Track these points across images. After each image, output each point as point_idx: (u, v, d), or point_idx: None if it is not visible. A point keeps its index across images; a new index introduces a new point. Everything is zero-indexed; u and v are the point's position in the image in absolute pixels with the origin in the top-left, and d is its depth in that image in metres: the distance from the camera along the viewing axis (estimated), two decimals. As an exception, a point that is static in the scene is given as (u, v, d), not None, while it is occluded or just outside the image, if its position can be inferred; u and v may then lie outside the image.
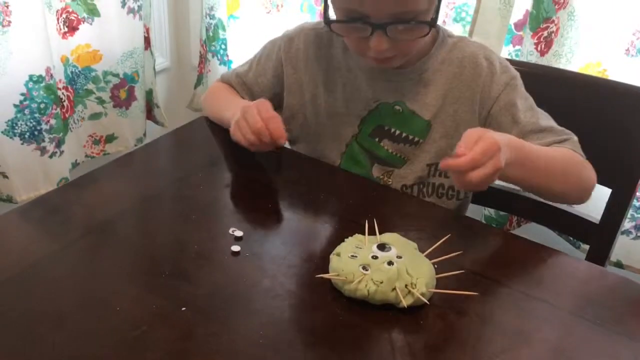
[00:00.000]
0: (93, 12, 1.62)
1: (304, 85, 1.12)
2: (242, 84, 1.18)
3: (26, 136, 1.51)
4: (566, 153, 0.99)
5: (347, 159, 1.10)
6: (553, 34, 1.41)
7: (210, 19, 1.83)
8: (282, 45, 1.12)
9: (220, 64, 1.88)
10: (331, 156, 1.11)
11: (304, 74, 1.11)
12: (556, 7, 1.38)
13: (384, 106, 1.07)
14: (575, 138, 1.03)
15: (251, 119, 0.97)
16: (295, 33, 1.12)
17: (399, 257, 0.78)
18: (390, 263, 0.76)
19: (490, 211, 1.62)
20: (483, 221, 1.58)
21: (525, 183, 0.97)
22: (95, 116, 1.76)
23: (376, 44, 0.93)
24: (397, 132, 1.07)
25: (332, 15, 0.97)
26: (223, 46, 1.85)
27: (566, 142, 1.02)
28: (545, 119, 1.04)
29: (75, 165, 1.74)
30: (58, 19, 1.55)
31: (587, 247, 1.23)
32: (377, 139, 1.08)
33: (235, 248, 0.82)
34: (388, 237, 0.83)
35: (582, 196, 1.01)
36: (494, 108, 1.04)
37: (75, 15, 1.59)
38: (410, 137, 1.07)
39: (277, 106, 1.16)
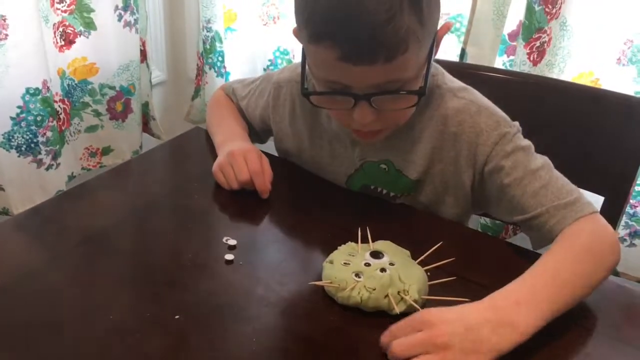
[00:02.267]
0: (89, 25, 1.63)
1: (290, 137, 1.09)
2: (239, 107, 1.17)
3: (23, 149, 1.52)
4: (573, 248, 0.82)
5: None
6: (545, 44, 1.42)
7: (207, 31, 1.84)
8: (272, 91, 1.08)
9: (217, 76, 1.89)
10: None
11: (289, 126, 1.08)
12: (548, 17, 1.39)
13: (369, 165, 1.02)
14: (576, 195, 0.87)
15: (238, 169, 0.97)
16: (284, 82, 1.07)
17: (392, 264, 0.79)
18: (382, 270, 0.77)
19: (486, 220, 1.63)
20: (479, 230, 1.59)
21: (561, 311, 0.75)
22: (91, 129, 1.77)
23: (360, 116, 0.84)
24: (385, 191, 1.04)
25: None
26: (220, 58, 1.86)
27: (569, 207, 0.85)
28: (540, 175, 0.89)
29: (71, 177, 1.74)
30: (55, 32, 1.56)
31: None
32: None
33: (229, 257, 0.83)
34: (381, 245, 0.83)
35: (612, 267, 0.83)
36: (485, 170, 0.94)
37: (72, 29, 1.61)
38: (392, 194, 1.03)
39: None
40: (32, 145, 1.53)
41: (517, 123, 0.96)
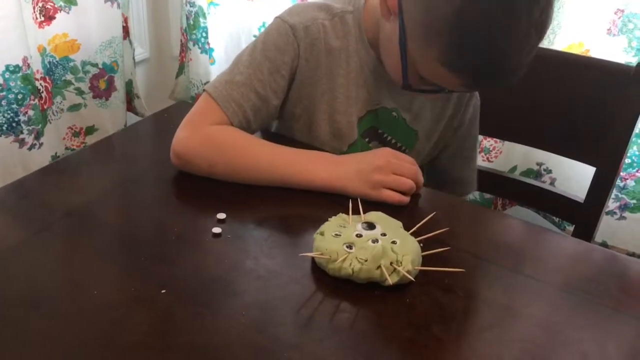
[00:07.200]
0: (70, 0, 1.59)
1: (318, 79, 1.00)
2: (258, 100, 0.97)
3: (4, 128, 1.48)
4: None
5: None
6: (535, 15, 1.40)
7: (191, 6, 1.80)
8: (299, 35, 0.97)
9: (201, 52, 1.85)
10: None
11: (319, 67, 1.00)
12: (538, -13, 1.37)
13: (382, 110, 1.04)
14: (476, 179, 1.21)
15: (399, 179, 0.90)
16: (310, 21, 0.98)
17: (384, 234, 0.77)
18: (375, 241, 0.75)
19: (475, 194, 1.62)
20: (468, 205, 1.58)
21: None
22: (74, 107, 1.73)
23: (433, 97, 0.99)
24: (389, 137, 1.06)
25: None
26: (204, 34, 1.82)
27: (472, 183, 1.20)
28: (475, 148, 1.20)
29: (55, 158, 1.71)
30: (34, 8, 1.52)
31: (571, 229, 1.23)
32: (367, 140, 1.05)
33: (217, 230, 0.81)
34: (373, 216, 0.81)
35: None
36: (459, 129, 1.12)
37: (52, 4, 1.56)
38: (399, 144, 1.07)
39: (273, 116, 1.03)
40: (14, 124, 1.50)
41: None
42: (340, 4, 1.00)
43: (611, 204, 1.48)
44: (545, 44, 1.42)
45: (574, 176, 1.51)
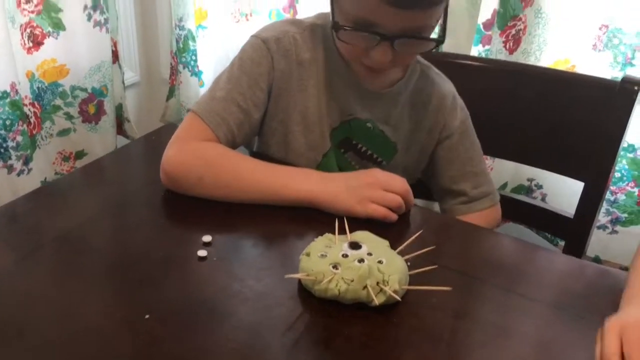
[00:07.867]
0: (58, 26, 1.59)
1: (291, 91, 1.01)
2: (241, 114, 0.98)
3: (-8, 154, 1.48)
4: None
5: (322, 170, 1.02)
6: (521, 32, 1.41)
7: (180, 30, 1.81)
8: (271, 47, 0.99)
9: (191, 75, 1.86)
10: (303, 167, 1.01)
11: (291, 78, 1.01)
12: (523, 4, 1.38)
13: (356, 122, 1.03)
14: (493, 194, 1.13)
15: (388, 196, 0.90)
16: (281, 34, 1.00)
17: (370, 254, 0.76)
18: (361, 261, 0.74)
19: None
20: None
21: None
22: (63, 132, 1.73)
23: (380, 55, 0.89)
24: (364, 148, 1.05)
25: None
26: (194, 57, 1.83)
27: (486, 198, 1.10)
28: (478, 163, 1.11)
29: (44, 183, 1.70)
30: (22, 34, 1.52)
31: (563, 244, 1.23)
32: (342, 150, 1.05)
33: (202, 253, 0.80)
34: (359, 235, 0.81)
35: None
36: (445, 142, 1.08)
37: (40, 30, 1.57)
38: (375, 156, 1.06)
39: (255, 130, 1.03)
40: (2, 150, 1.49)
41: None
42: (310, 18, 1.04)
43: (602, 218, 1.48)
44: (531, 60, 1.43)
45: (564, 191, 1.51)
